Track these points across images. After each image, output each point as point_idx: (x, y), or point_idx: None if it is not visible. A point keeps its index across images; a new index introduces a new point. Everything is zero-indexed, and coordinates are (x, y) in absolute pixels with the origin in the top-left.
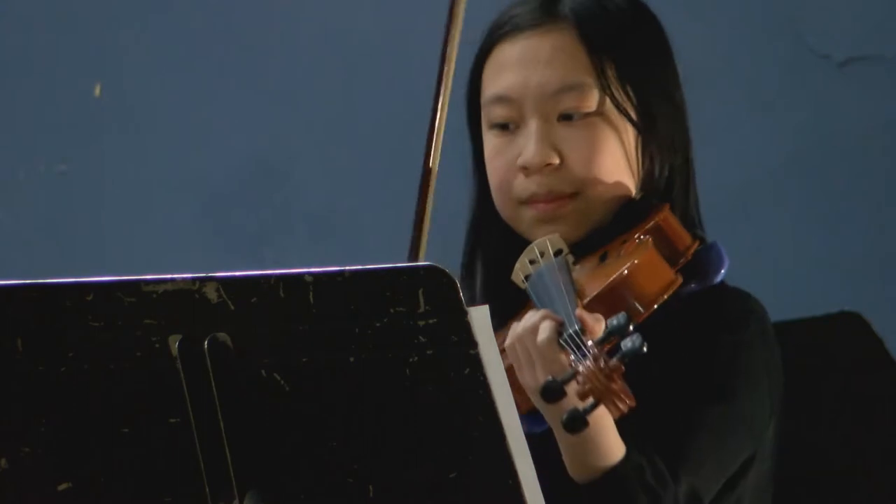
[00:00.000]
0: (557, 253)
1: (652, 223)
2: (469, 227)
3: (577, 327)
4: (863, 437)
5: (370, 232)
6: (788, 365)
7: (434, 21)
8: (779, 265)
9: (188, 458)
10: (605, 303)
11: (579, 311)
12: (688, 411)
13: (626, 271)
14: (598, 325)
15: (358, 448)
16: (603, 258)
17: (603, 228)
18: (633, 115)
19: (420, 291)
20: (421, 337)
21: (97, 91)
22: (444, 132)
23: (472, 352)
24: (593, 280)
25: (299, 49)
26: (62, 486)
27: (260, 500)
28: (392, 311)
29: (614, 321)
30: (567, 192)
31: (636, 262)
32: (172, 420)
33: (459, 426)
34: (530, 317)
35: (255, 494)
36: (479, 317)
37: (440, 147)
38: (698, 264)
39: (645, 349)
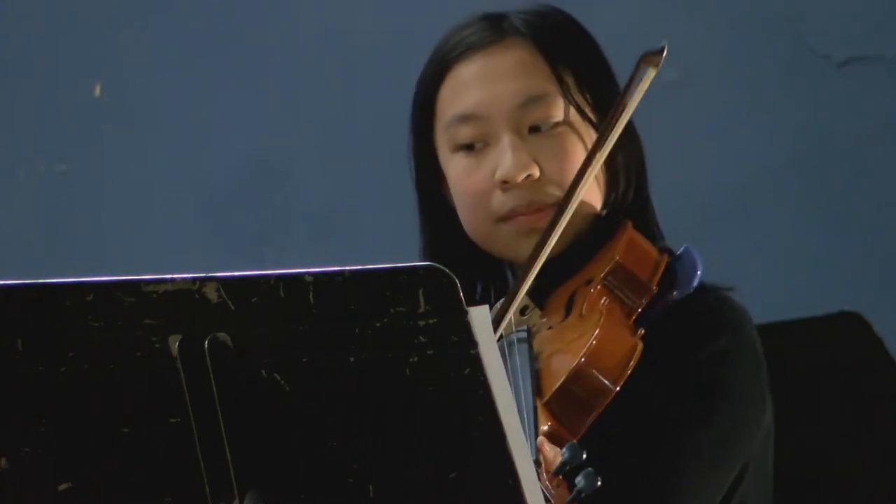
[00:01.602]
0: (523, 310)
1: (616, 252)
2: (427, 254)
3: (534, 457)
4: (863, 437)
5: (370, 232)
6: (788, 365)
7: (434, 21)
8: (779, 265)
9: (188, 458)
10: (565, 399)
11: (539, 441)
12: (673, 441)
13: (583, 359)
14: (555, 457)
15: (358, 448)
16: (568, 307)
17: (573, 247)
18: (595, 121)
19: (420, 291)
20: (421, 337)
21: (97, 91)
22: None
23: (472, 352)
24: (553, 358)
25: (299, 49)
26: (62, 486)
27: (260, 500)
28: (392, 311)
29: (566, 454)
30: (548, 203)
31: (593, 343)
32: (172, 420)
33: (459, 426)
34: None
35: (255, 494)
36: (479, 317)
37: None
38: (674, 274)
39: (598, 484)
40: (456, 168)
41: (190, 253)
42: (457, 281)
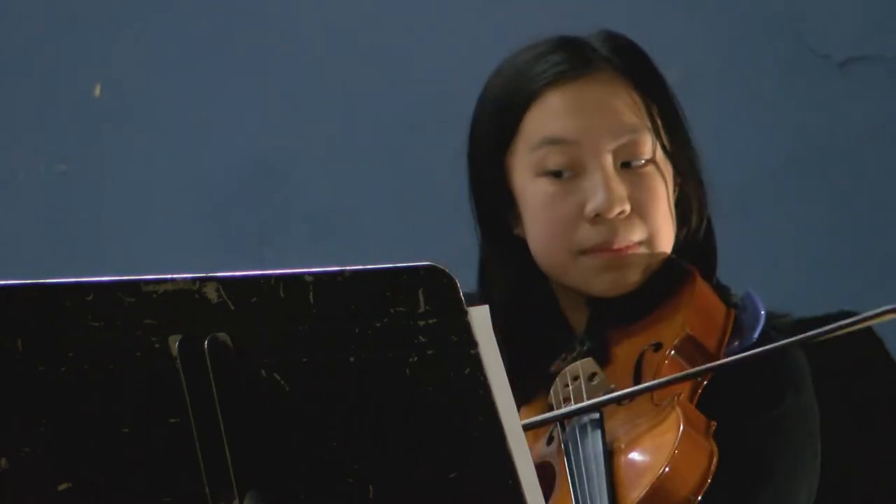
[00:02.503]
0: (591, 377)
1: (686, 323)
2: (489, 279)
3: None
4: (863, 437)
5: (370, 232)
6: None
7: (434, 20)
8: (779, 265)
9: (188, 458)
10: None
11: None
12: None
13: (663, 472)
14: None
15: (358, 448)
16: (636, 374)
17: (639, 290)
18: (679, 162)
19: (420, 291)
20: (421, 337)
21: (97, 91)
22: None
23: (472, 352)
24: (628, 462)
25: (300, 49)
26: (62, 486)
27: (260, 500)
28: (392, 311)
29: None
30: (634, 241)
31: (675, 453)
32: (172, 420)
33: (459, 426)
34: None
35: (255, 494)
36: (479, 317)
37: None
38: (737, 325)
39: None
40: (538, 194)
41: (190, 253)
42: (457, 281)
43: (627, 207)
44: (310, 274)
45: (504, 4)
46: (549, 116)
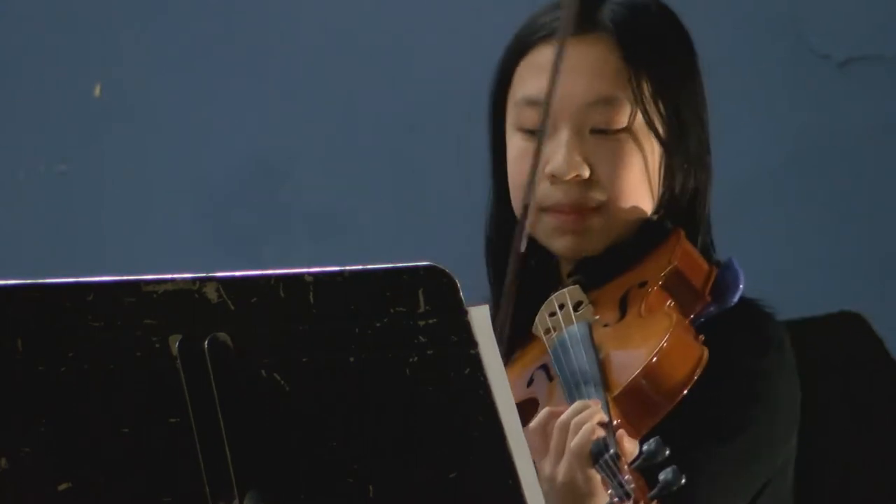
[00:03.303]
0: (577, 306)
1: (673, 258)
2: (489, 229)
3: (613, 451)
4: (863, 437)
5: (370, 232)
6: None
7: (434, 20)
8: (779, 265)
9: (188, 458)
10: (635, 396)
11: (619, 434)
12: (706, 450)
13: (654, 359)
14: (634, 449)
15: (358, 448)
16: (622, 307)
17: (619, 247)
18: (662, 133)
19: (420, 291)
20: (421, 337)
21: (97, 91)
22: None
23: (472, 352)
24: (619, 353)
25: (300, 49)
26: (62, 486)
27: (260, 500)
28: (392, 311)
29: (651, 448)
30: (591, 206)
31: (664, 345)
32: (172, 420)
33: (459, 426)
34: (572, 413)
35: (255, 494)
36: (479, 317)
37: None
38: (717, 286)
39: (683, 481)
40: (513, 146)
41: (190, 253)
42: (457, 281)
43: (585, 172)
44: (310, 274)
45: (504, 4)
46: (532, 73)
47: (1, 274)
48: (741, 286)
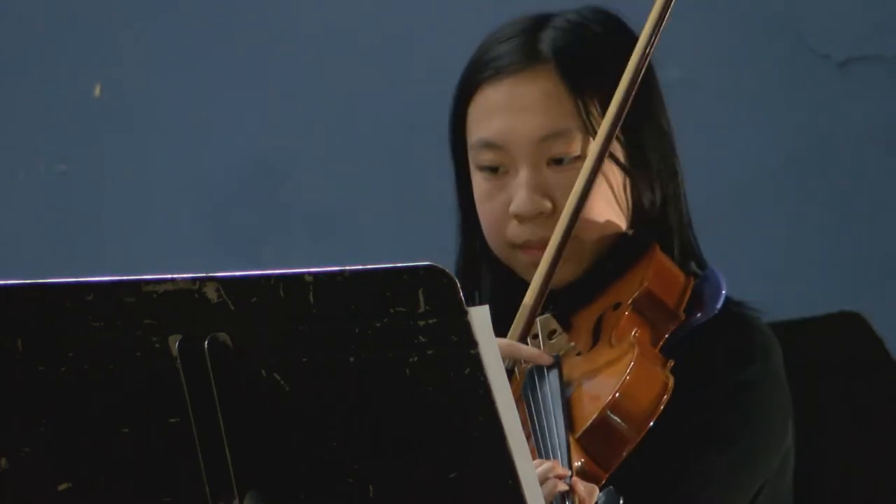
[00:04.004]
0: (551, 334)
1: (644, 279)
2: (458, 263)
3: (569, 492)
4: (863, 437)
5: (370, 232)
6: (788, 365)
7: (434, 20)
8: (779, 265)
9: (188, 458)
10: (600, 433)
11: (573, 479)
12: (696, 464)
13: (617, 394)
14: (590, 495)
15: (358, 448)
16: (596, 333)
17: (596, 267)
18: (619, 155)
19: (420, 291)
20: (421, 337)
21: (97, 91)
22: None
23: (472, 352)
24: (587, 385)
25: (300, 49)
26: (62, 486)
27: (260, 500)
28: (392, 311)
29: (603, 500)
30: None
31: (627, 378)
32: (172, 420)
33: (459, 426)
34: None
35: (255, 494)
36: (479, 317)
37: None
38: (698, 296)
39: None
40: (478, 187)
41: (190, 253)
42: (457, 281)
43: (548, 207)
44: (310, 274)
45: (504, 4)
46: (483, 115)
47: (1, 274)
48: (723, 294)
